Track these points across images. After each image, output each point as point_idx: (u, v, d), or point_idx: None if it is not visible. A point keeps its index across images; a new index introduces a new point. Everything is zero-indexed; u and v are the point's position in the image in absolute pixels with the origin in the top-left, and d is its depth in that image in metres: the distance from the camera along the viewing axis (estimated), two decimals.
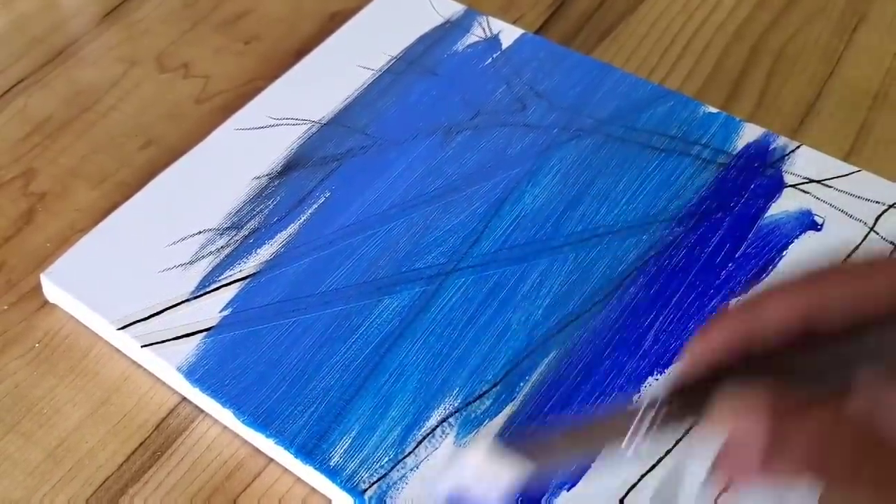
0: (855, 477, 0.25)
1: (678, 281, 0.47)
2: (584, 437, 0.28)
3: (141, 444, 0.43)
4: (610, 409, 0.27)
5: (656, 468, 0.41)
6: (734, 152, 0.52)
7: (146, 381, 0.45)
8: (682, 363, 0.29)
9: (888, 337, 0.26)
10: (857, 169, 0.52)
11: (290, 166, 0.52)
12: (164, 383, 0.45)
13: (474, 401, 0.43)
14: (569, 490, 0.40)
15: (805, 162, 0.52)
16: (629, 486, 0.40)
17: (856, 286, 0.27)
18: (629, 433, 0.27)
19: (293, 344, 0.44)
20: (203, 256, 0.47)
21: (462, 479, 0.27)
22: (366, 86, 0.56)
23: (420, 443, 0.41)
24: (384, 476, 0.40)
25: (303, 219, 0.49)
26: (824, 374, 0.27)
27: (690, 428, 0.28)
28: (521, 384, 0.43)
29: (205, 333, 0.44)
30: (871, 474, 0.25)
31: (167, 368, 0.44)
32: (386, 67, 0.57)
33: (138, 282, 0.46)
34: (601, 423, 0.28)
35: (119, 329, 0.45)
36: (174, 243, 0.48)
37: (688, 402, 0.27)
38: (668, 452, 0.41)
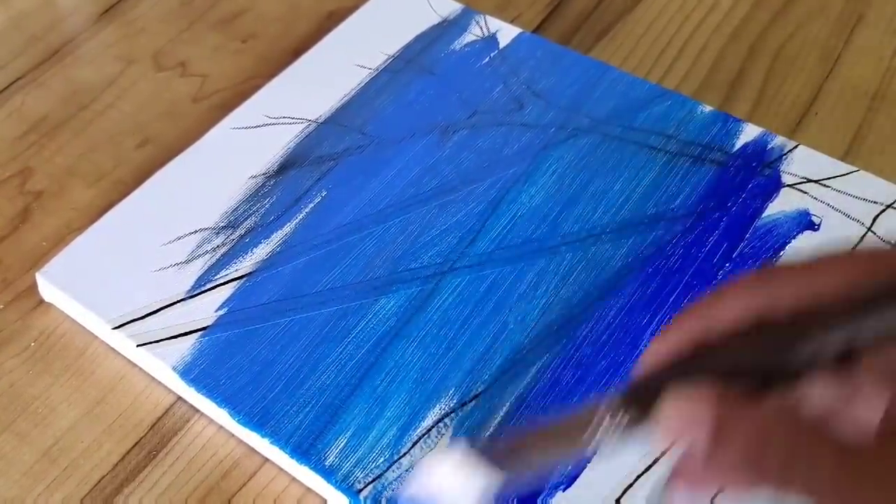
0: (787, 476, 0.25)
1: (675, 281, 0.47)
2: (550, 439, 0.28)
3: (136, 443, 0.43)
4: (573, 410, 0.27)
5: (651, 469, 0.41)
6: (732, 152, 0.52)
7: (142, 381, 0.45)
8: (638, 366, 0.29)
9: (836, 334, 0.26)
10: (854, 169, 0.52)
11: (287, 165, 0.51)
12: (159, 383, 0.45)
13: (470, 401, 0.43)
14: (564, 490, 0.40)
15: (803, 162, 0.52)
16: (625, 488, 0.40)
17: (804, 283, 0.27)
18: (590, 435, 0.27)
19: (289, 343, 0.44)
20: (199, 255, 0.47)
21: (429, 486, 0.27)
22: (363, 85, 0.55)
23: (416, 443, 0.41)
24: (380, 476, 0.40)
25: (299, 218, 0.49)
26: (774, 371, 0.27)
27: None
28: (518, 384, 0.43)
29: (200, 333, 0.44)
30: (803, 475, 0.25)
31: (163, 368, 0.43)
32: (383, 66, 0.57)
33: (134, 281, 0.46)
34: (564, 424, 0.28)
35: (114, 328, 0.44)
36: (170, 242, 0.48)
37: (641, 404, 0.27)
38: (663, 454, 0.41)
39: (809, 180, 0.51)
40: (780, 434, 0.25)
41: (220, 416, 0.43)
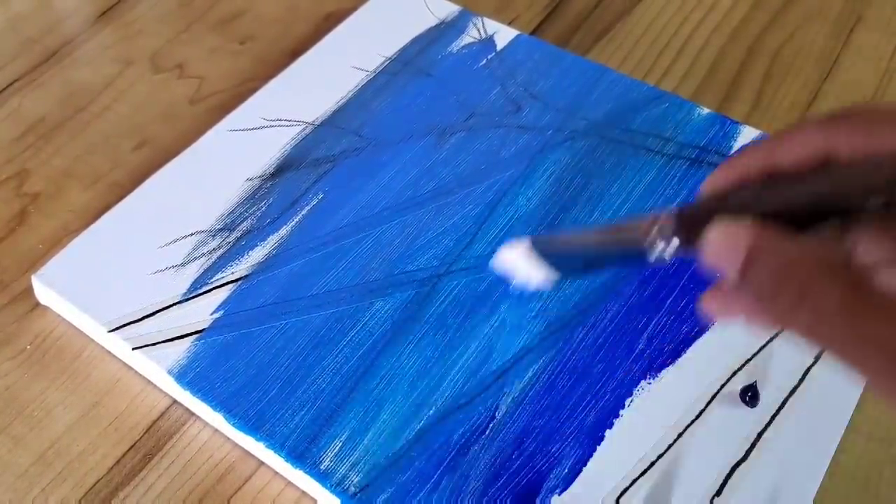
0: (793, 316, 0.25)
1: (672, 284, 0.47)
2: (605, 241, 0.30)
3: (132, 446, 0.43)
4: (630, 218, 0.30)
5: (649, 472, 0.41)
6: (729, 154, 0.52)
7: (137, 384, 0.45)
8: (700, 189, 0.30)
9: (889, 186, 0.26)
10: None
11: (284, 168, 0.51)
12: (155, 386, 0.45)
13: (466, 404, 0.42)
14: (560, 494, 0.40)
15: None
16: (621, 490, 0.40)
17: (874, 132, 0.27)
18: (642, 243, 0.29)
19: (285, 346, 0.44)
20: (195, 258, 0.47)
21: (506, 263, 0.31)
22: (360, 87, 0.55)
23: (411, 447, 0.41)
24: (375, 480, 0.40)
25: (295, 221, 0.49)
26: (824, 213, 0.27)
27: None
28: (514, 387, 0.43)
29: (196, 336, 0.44)
30: (808, 318, 0.25)
31: (158, 371, 0.43)
32: (380, 68, 0.56)
33: (130, 284, 0.46)
34: (624, 229, 0.30)
35: (110, 331, 0.44)
36: (166, 245, 0.48)
37: (691, 227, 0.28)
38: (659, 457, 0.41)
39: None
40: (797, 274, 0.25)
41: (216, 419, 0.42)
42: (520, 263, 0.31)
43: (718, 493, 0.40)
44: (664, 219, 0.29)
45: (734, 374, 0.44)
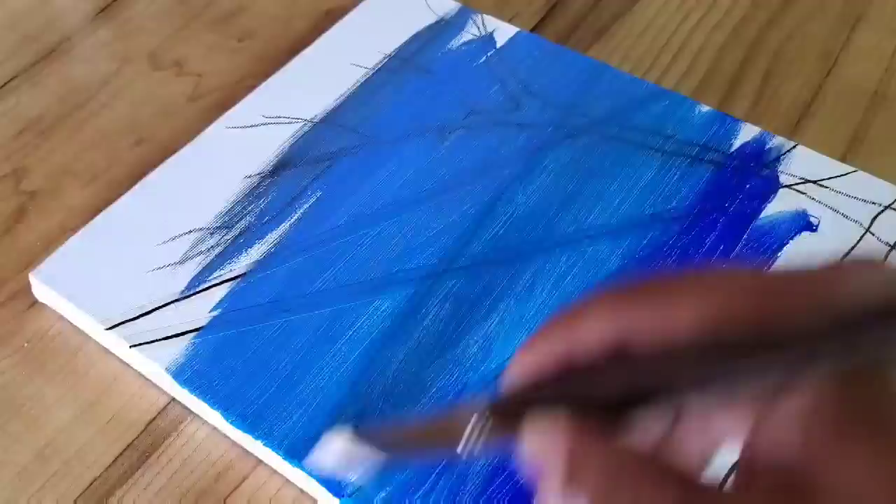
0: None
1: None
2: (427, 434, 0.28)
3: (129, 445, 0.43)
4: (450, 408, 0.27)
5: None
6: (729, 152, 0.52)
7: (135, 382, 0.45)
8: (505, 378, 0.28)
9: (694, 368, 0.25)
10: (853, 169, 0.51)
11: (282, 165, 0.51)
12: (153, 384, 0.44)
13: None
14: None
15: (801, 162, 0.51)
16: None
17: (663, 308, 0.25)
18: (462, 437, 0.27)
19: (283, 345, 0.44)
20: (193, 256, 0.47)
21: (325, 458, 0.29)
22: (359, 84, 0.55)
23: (410, 445, 0.41)
24: (373, 479, 0.40)
25: (294, 218, 0.49)
26: (632, 401, 0.25)
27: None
28: None
29: (194, 334, 0.44)
30: None
31: (156, 369, 0.43)
32: (380, 65, 0.56)
33: (128, 281, 0.46)
34: (443, 422, 0.28)
35: (108, 329, 0.44)
36: (164, 242, 0.48)
37: (506, 418, 0.26)
38: None
39: (808, 181, 0.51)
40: (626, 476, 0.24)
41: (214, 417, 0.42)
42: (343, 454, 0.28)
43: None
44: (478, 411, 0.26)
45: None
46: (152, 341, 0.44)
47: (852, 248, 0.48)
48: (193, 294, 0.46)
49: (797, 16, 0.62)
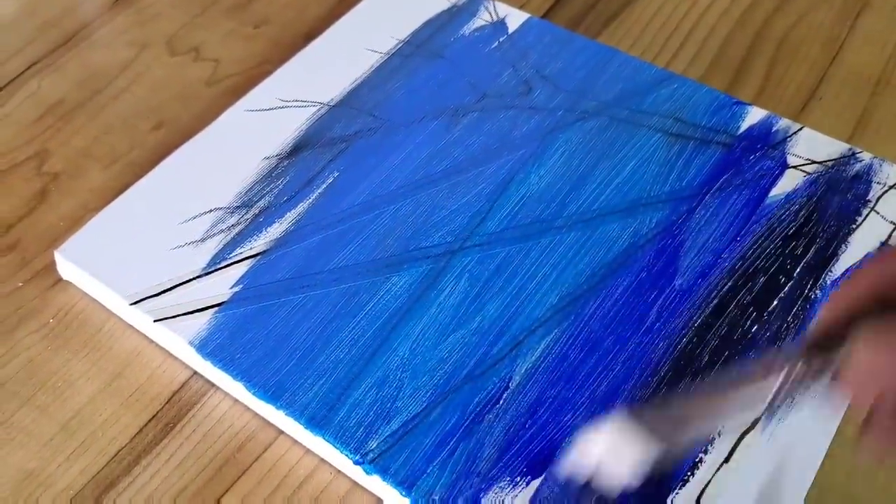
0: None
1: (681, 260, 0.47)
2: (719, 404, 0.27)
3: (153, 416, 0.44)
4: (739, 372, 0.27)
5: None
6: (737, 134, 0.53)
7: (158, 356, 0.46)
8: (818, 318, 0.29)
9: None
10: (858, 150, 0.52)
11: (300, 147, 0.52)
12: (175, 357, 0.46)
13: (480, 374, 0.43)
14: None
15: (807, 143, 0.53)
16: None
17: None
18: (769, 397, 0.26)
19: (303, 319, 0.45)
20: (214, 234, 0.48)
21: (588, 461, 0.26)
22: (374, 69, 0.56)
23: (425, 415, 0.42)
24: (392, 446, 0.41)
25: (312, 198, 0.50)
26: None
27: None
28: (527, 359, 0.44)
29: (216, 308, 0.45)
30: None
31: (179, 342, 0.44)
32: (394, 50, 0.57)
33: (150, 259, 0.47)
34: (736, 387, 0.27)
35: (132, 304, 0.45)
36: (185, 221, 0.49)
37: (824, 355, 0.27)
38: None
39: (814, 161, 0.52)
40: None
41: (236, 389, 0.43)
42: (615, 446, 0.25)
43: (726, 459, 0.41)
44: (789, 360, 0.27)
45: None
46: (175, 316, 0.45)
47: (857, 226, 0.49)
48: (215, 270, 0.47)
49: (803, 3, 0.63)
